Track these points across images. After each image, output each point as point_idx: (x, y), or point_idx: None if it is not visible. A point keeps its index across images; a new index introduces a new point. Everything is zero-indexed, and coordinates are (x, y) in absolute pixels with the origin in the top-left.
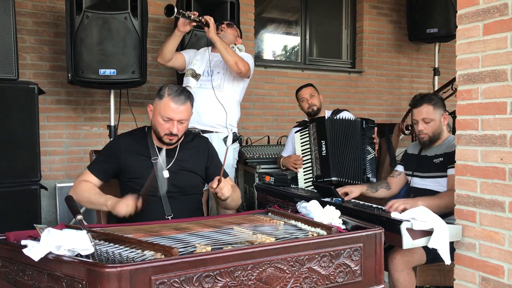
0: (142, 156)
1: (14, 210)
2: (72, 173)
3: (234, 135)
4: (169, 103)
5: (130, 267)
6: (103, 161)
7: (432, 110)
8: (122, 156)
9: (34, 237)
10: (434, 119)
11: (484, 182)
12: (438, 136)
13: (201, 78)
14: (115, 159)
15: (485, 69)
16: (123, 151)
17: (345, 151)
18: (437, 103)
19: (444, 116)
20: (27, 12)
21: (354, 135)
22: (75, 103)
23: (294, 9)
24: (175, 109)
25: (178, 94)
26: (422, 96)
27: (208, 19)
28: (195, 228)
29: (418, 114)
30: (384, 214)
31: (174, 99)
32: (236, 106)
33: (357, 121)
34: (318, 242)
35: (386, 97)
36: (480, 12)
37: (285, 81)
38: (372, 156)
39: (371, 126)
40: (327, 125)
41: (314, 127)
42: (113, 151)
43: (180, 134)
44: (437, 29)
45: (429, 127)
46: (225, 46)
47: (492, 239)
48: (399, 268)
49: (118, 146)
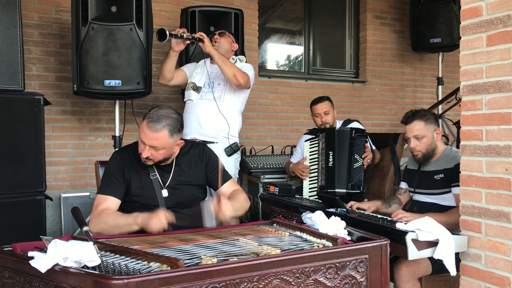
0: (141, 173)
1: (19, 220)
2: (77, 184)
3: (235, 146)
4: (144, 126)
5: (137, 279)
6: (113, 179)
7: (424, 126)
8: (126, 171)
9: (40, 248)
10: (426, 135)
11: (489, 192)
12: (432, 152)
13: (202, 90)
14: (122, 174)
15: (489, 79)
16: (125, 166)
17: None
18: (429, 119)
19: (437, 132)
20: (33, 24)
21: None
22: (80, 113)
23: (298, 19)
24: (146, 134)
25: (155, 121)
26: (413, 113)
27: (200, 35)
28: (200, 239)
29: (409, 131)
30: (389, 225)
31: (149, 124)
32: (237, 116)
33: (346, 130)
34: (324, 254)
35: (390, 107)
36: (483, 23)
37: (289, 91)
38: (359, 164)
39: (359, 135)
40: (336, 136)
41: (324, 137)
42: (118, 166)
43: (155, 159)
44: (440, 39)
45: (421, 144)
46: (223, 59)
47: (498, 250)
48: (404, 279)
49: (120, 161)
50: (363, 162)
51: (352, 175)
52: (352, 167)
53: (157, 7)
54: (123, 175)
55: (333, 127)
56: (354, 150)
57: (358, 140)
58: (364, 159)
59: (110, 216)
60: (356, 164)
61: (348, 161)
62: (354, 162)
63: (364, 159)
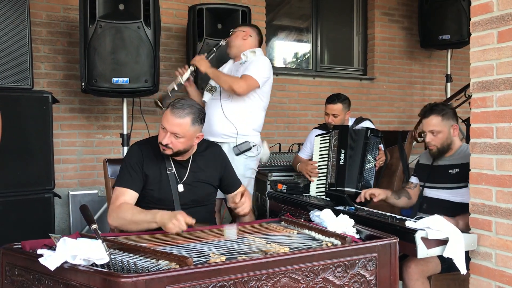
0: (158, 166)
1: (28, 218)
2: (85, 181)
3: (244, 145)
4: (168, 112)
5: (145, 277)
6: (132, 172)
7: (440, 122)
8: (145, 164)
9: (49, 246)
10: (442, 130)
11: (499, 190)
12: (448, 148)
13: (216, 91)
14: (141, 167)
15: (500, 76)
16: (145, 159)
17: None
18: (446, 113)
19: (454, 127)
20: (41, 22)
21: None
22: (88, 111)
23: (305, 17)
24: (169, 119)
25: (179, 107)
26: (432, 106)
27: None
28: (208, 237)
29: (426, 125)
30: (399, 223)
31: (173, 110)
32: (252, 114)
33: (362, 130)
34: (333, 252)
35: (398, 104)
36: (494, 19)
37: (296, 88)
38: (372, 166)
39: (374, 136)
40: (349, 134)
41: (336, 134)
42: (138, 158)
43: (175, 148)
44: (449, 35)
45: (437, 139)
46: (217, 75)
47: (509, 248)
48: (414, 278)
49: (140, 153)
50: (375, 163)
51: (363, 175)
52: (364, 167)
53: (164, 5)
54: (142, 168)
55: (346, 125)
56: (368, 150)
57: (372, 140)
58: (377, 161)
59: (129, 211)
60: (369, 164)
61: (360, 160)
62: (366, 163)
63: (377, 161)
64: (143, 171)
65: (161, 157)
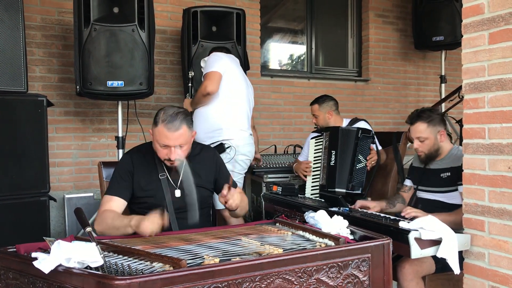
0: (150, 173)
1: (23, 221)
2: (80, 184)
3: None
4: (163, 130)
5: (139, 279)
6: (120, 181)
7: (426, 128)
8: (135, 172)
9: (44, 249)
10: (428, 137)
11: (492, 190)
12: (436, 153)
13: None
14: (131, 175)
15: (492, 77)
16: (135, 167)
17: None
18: (433, 120)
19: (441, 133)
20: (36, 26)
21: (349, 144)
22: (83, 114)
23: (300, 19)
24: (169, 136)
25: (171, 120)
26: (418, 113)
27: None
28: (202, 239)
29: (413, 132)
30: (392, 223)
31: (168, 125)
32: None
33: (352, 130)
34: (326, 253)
35: (393, 105)
36: (485, 21)
37: (292, 90)
38: (363, 165)
39: (365, 136)
40: (340, 135)
41: (328, 136)
42: (127, 167)
43: (182, 157)
44: (443, 37)
45: (424, 145)
46: (195, 102)
47: (502, 248)
48: (408, 278)
49: (130, 162)
50: (366, 163)
51: (353, 176)
52: (355, 167)
53: (159, 8)
54: (132, 177)
55: (337, 126)
56: (358, 150)
57: (363, 140)
58: (368, 161)
59: (109, 217)
60: (359, 164)
61: (350, 161)
62: (357, 163)
63: (368, 161)
64: (133, 180)
65: (153, 164)
